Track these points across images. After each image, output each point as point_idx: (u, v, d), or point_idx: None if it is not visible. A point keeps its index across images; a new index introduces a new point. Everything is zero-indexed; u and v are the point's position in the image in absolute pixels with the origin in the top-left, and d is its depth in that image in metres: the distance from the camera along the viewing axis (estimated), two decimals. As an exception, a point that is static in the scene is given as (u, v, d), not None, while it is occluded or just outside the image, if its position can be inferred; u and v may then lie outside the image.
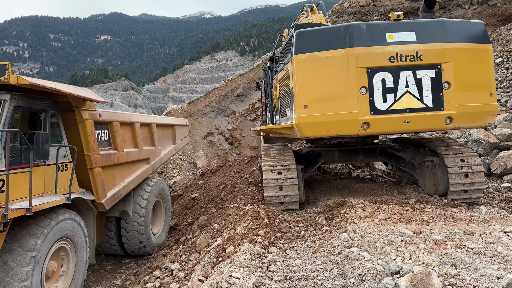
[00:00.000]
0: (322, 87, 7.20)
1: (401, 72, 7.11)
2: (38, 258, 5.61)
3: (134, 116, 9.55)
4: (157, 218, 10.31)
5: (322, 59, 7.16)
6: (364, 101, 7.08)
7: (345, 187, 10.63)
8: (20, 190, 5.68)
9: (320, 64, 7.17)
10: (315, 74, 7.20)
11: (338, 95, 7.13)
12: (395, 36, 7.18)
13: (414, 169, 9.34)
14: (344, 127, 7.18)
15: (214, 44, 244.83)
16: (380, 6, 21.33)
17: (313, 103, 7.19)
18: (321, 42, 7.26)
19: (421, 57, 7.14)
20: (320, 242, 5.89)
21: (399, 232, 5.34)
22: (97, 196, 7.48)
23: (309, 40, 7.31)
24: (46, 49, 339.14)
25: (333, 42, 7.20)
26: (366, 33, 7.17)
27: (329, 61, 7.14)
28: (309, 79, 7.24)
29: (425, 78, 7.15)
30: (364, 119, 7.06)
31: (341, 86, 7.11)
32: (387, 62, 7.10)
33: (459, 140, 11.62)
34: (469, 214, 7.17)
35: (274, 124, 10.49)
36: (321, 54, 7.16)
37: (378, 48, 7.13)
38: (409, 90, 7.14)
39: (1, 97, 5.77)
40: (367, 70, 7.07)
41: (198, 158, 17.82)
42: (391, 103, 7.13)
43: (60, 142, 6.81)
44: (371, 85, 7.07)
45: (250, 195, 9.90)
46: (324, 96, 7.18)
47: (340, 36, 7.18)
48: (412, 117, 7.13)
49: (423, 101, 7.18)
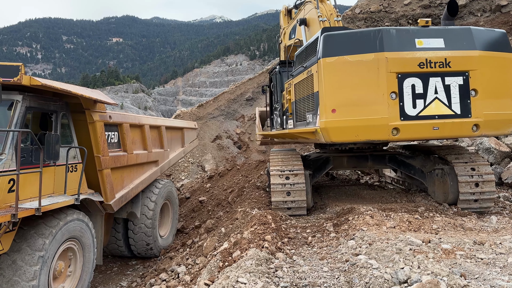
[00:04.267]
0: (351, 91, 7.09)
1: (430, 78, 7.08)
2: (46, 258, 5.64)
3: (144, 118, 9.60)
4: (164, 220, 10.33)
5: (351, 63, 7.06)
6: (394, 107, 7.01)
7: (354, 193, 10.56)
8: (30, 190, 5.73)
9: (349, 68, 7.07)
10: (344, 78, 7.09)
11: (368, 100, 7.04)
12: (424, 42, 7.17)
13: (423, 176, 9.25)
14: (373, 132, 7.09)
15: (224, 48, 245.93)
16: (391, 12, 21.26)
17: (341, 108, 7.06)
18: (349, 46, 7.17)
19: (450, 63, 7.12)
20: (327, 248, 5.85)
21: (407, 240, 5.29)
22: (105, 197, 7.52)
23: (337, 43, 7.21)
24: (59, 50, 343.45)
25: (362, 46, 7.13)
26: (396, 38, 7.13)
27: (359, 65, 7.05)
28: (337, 83, 7.11)
29: (453, 85, 7.13)
30: (394, 125, 6.98)
31: (371, 90, 7.03)
32: (417, 67, 7.05)
33: (469, 148, 11.49)
34: (479, 223, 7.07)
35: (284, 128, 10.33)
36: (351, 58, 7.05)
37: (408, 54, 7.08)
38: (438, 97, 7.11)
39: (13, 98, 5.84)
40: (397, 75, 7.01)
41: (206, 161, 17.86)
42: (421, 109, 7.08)
43: (70, 143, 6.87)
44: (401, 91, 7.02)
45: (258, 200, 9.88)
46: (353, 100, 7.07)
47: (369, 40, 7.11)
48: (440, 124, 7.09)
49: (452, 108, 7.14)
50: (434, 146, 10.25)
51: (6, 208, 5.30)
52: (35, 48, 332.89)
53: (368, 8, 21.64)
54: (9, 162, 5.44)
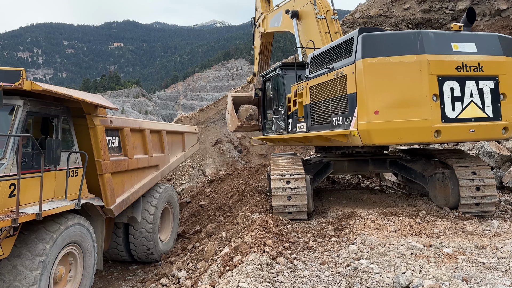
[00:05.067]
0: (393, 93, 7.05)
1: (466, 81, 7.19)
2: (47, 263, 5.63)
3: (145, 123, 9.62)
4: (165, 225, 10.31)
5: (393, 64, 7.02)
6: (436, 109, 7.03)
7: (355, 197, 10.54)
8: (30, 195, 5.73)
9: (391, 69, 7.03)
10: (386, 79, 7.05)
11: (411, 102, 7.03)
12: (459, 46, 7.27)
13: (424, 180, 9.24)
14: (416, 134, 7.08)
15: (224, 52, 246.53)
16: (391, 16, 21.31)
17: (384, 109, 6.99)
18: (390, 47, 7.13)
19: (482, 68, 7.26)
20: (328, 253, 5.83)
21: (409, 244, 5.27)
22: (106, 202, 7.51)
23: (378, 44, 7.17)
24: (60, 55, 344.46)
25: (403, 47, 7.11)
26: (434, 41, 7.18)
27: (401, 66, 7.02)
28: (380, 84, 7.04)
29: (486, 89, 7.29)
30: (436, 127, 7.00)
31: (414, 92, 7.03)
32: (454, 71, 7.14)
33: (470, 152, 11.48)
34: (481, 227, 7.05)
35: (291, 132, 10.04)
36: (393, 59, 7.03)
37: (447, 57, 7.15)
38: (473, 100, 7.23)
39: (14, 102, 5.86)
40: (438, 78, 7.05)
41: (207, 165, 17.85)
42: (459, 112, 7.16)
43: (71, 147, 6.88)
44: (442, 93, 7.07)
45: (258, 204, 9.87)
46: (396, 102, 7.04)
47: (410, 42, 7.12)
48: (476, 126, 7.20)
49: (485, 111, 7.27)
50: (434, 150, 10.25)
51: (6, 213, 5.29)
52: (36, 53, 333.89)
53: (368, 12, 21.70)
54: (10, 166, 5.45)
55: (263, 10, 14.55)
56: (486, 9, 20.14)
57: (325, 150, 10.58)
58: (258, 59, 15.27)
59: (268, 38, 14.96)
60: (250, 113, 14.91)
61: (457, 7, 20.45)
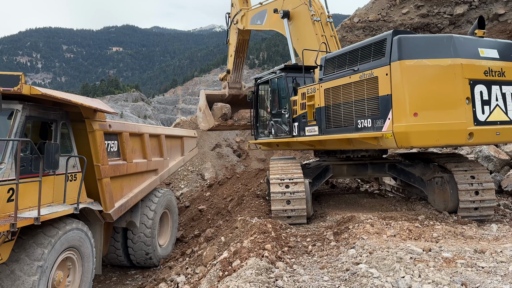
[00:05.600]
0: (430, 95, 7.11)
1: (492, 86, 7.37)
2: (45, 268, 5.61)
3: (144, 127, 9.62)
4: (163, 229, 10.29)
5: (430, 67, 7.10)
6: (469, 112, 7.15)
7: (354, 202, 10.54)
8: (29, 199, 5.72)
9: (427, 72, 7.10)
10: (423, 81, 7.10)
11: (447, 104, 7.11)
12: (485, 51, 7.46)
13: (423, 185, 9.24)
14: (452, 137, 7.17)
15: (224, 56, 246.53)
16: (389, 21, 21.40)
17: (423, 111, 7.03)
18: (425, 50, 7.21)
19: (505, 73, 7.49)
20: (327, 257, 5.82)
21: (408, 249, 5.27)
22: (105, 206, 7.50)
23: (414, 46, 7.22)
24: (59, 59, 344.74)
25: (437, 51, 7.21)
26: (464, 45, 7.33)
27: (437, 69, 7.11)
28: (417, 86, 7.08)
29: (508, 94, 7.50)
30: (469, 130, 7.10)
31: (449, 95, 7.12)
32: (483, 75, 7.29)
33: (469, 156, 11.50)
34: (480, 232, 7.05)
35: (296, 135, 9.80)
36: (429, 62, 7.11)
37: (476, 61, 7.31)
38: (498, 104, 7.42)
39: (13, 107, 5.86)
40: (470, 82, 7.19)
41: (206, 169, 17.83)
42: (488, 115, 7.30)
43: (70, 152, 6.87)
44: (473, 96, 7.20)
45: (257, 208, 9.86)
46: (433, 104, 7.09)
47: (443, 46, 7.23)
48: (501, 129, 7.37)
49: (508, 115, 7.49)
50: (433, 154, 10.26)
51: (5, 217, 5.28)
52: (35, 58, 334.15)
53: (367, 17, 21.79)
54: (8, 171, 5.44)
55: (241, 6, 14.22)
56: (484, 14, 20.23)
57: (327, 154, 10.47)
58: (234, 56, 14.88)
59: (245, 35, 14.64)
60: (225, 111, 14.38)
61: (455, 12, 20.55)
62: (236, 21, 14.41)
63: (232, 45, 15.01)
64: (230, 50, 15.32)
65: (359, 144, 8.14)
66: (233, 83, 15.29)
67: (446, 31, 20.53)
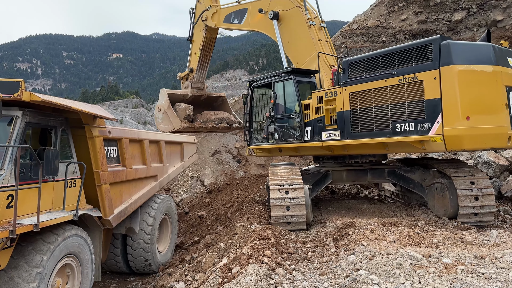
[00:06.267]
0: (478, 100, 7.36)
1: None
2: (44, 275, 5.59)
3: (143, 133, 9.62)
4: (163, 236, 10.26)
5: (477, 72, 7.36)
6: (508, 117, 7.53)
7: (353, 207, 10.52)
8: (28, 206, 5.71)
9: (475, 77, 7.35)
10: (472, 86, 7.34)
11: (492, 109, 7.40)
12: (510, 61, 7.85)
13: (423, 190, 9.24)
14: (496, 140, 7.45)
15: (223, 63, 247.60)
16: (388, 27, 21.51)
17: (474, 115, 7.26)
18: (471, 56, 7.46)
19: None
20: (327, 264, 5.81)
21: (408, 255, 5.26)
22: (104, 212, 7.48)
23: (462, 52, 7.45)
24: (59, 66, 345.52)
25: (481, 57, 7.48)
26: (499, 54, 7.65)
27: (482, 75, 7.37)
28: (468, 91, 7.29)
29: None
30: (509, 133, 7.47)
31: (493, 100, 7.42)
32: None
33: (468, 162, 11.50)
34: (480, 237, 7.04)
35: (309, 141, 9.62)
36: (476, 68, 7.37)
37: (509, 70, 7.70)
38: None
39: (13, 113, 5.87)
40: (506, 88, 7.55)
41: (206, 175, 17.81)
42: None
43: (70, 158, 6.87)
44: (509, 102, 7.59)
45: (257, 214, 9.84)
46: (480, 108, 7.34)
47: (485, 53, 7.51)
48: None
49: None
50: (432, 159, 10.26)
51: (4, 224, 5.27)
52: (36, 64, 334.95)
53: (366, 23, 21.90)
54: (8, 177, 5.44)
55: (211, 3, 13.67)
56: (482, 20, 20.35)
57: (334, 159, 10.38)
58: (199, 55, 14.22)
59: (213, 34, 14.11)
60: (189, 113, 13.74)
61: (453, 18, 20.66)
62: (205, 18, 13.71)
63: (197, 43, 14.30)
64: (194, 48, 14.66)
65: (395, 148, 8.31)
66: (196, 83, 14.72)
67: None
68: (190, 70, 14.66)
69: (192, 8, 14.48)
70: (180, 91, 14.73)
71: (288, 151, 10.81)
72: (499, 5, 20.02)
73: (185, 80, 14.90)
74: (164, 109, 13.45)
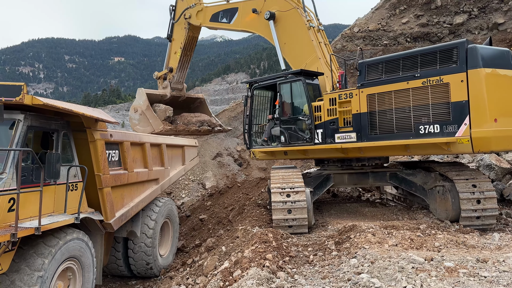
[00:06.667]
0: (503, 102, 7.57)
1: None
2: (45, 278, 5.58)
3: (145, 136, 9.63)
4: (164, 239, 10.25)
5: (501, 76, 7.58)
6: None
7: (355, 211, 10.50)
8: (30, 209, 5.71)
9: (500, 81, 7.57)
10: (498, 89, 7.53)
11: None
12: None
13: (425, 193, 9.22)
14: None
15: (225, 66, 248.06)
16: (389, 31, 21.53)
17: (501, 118, 7.45)
18: (495, 60, 7.67)
19: None
20: (329, 267, 5.79)
21: (410, 258, 5.24)
22: (105, 216, 7.48)
23: (487, 56, 7.60)
24: (61, 70, 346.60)
25: (502, 62, 7.72)
26: None
27: (507, 79, 7.65)
28: (495, 94, 7.46)
29: None
30: None
31: None
32: None
33: (470, 165, 11.48)
34: (482, 241, 7.01)
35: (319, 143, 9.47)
36: (501, 72, 7.59)
37: None
38: None
39: (15, 117, 5.88)
40: None
41: (207, 179, 17.82)
42: None
43: (71, 161, 6.88)
44: None
45: (259, 218, 9.83)
46: (506, 111, 7.57)
47: (505, 58, 7.78)
48: None
49: None
50: (434, 162, 10.24)
51: (5, 227, 5.27)
52: (38, 68, 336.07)
53: (367, 27, 21.93)
54: (9, 181, 5.44)
55: (195, 1, 13.14)
56: (483, 23, 20.36)
57: (341, 162, 10.32)
58: (181, 54, 13.54)
59: (196, 32, 13.55)
60: (169, 114, 12.81)
61: (454, 21, 20.67)
62: (188, 16, 13.12)
63: (178, 42, 13.63)
64: (174, 47, 13.94)
65: (418, 149, 8.37)
66: (176, 83, 13.99)
67: (446, 40, 20.63)
68: (170, 70, 13.91)
69: (172, 5, 13.84)
70: (159, 91, 13.84)
71: (295, 154, 10.55)
72: (500, 8, 20.03)
73: (163, 79, 14.10)
74: (142, 110, 12.41)
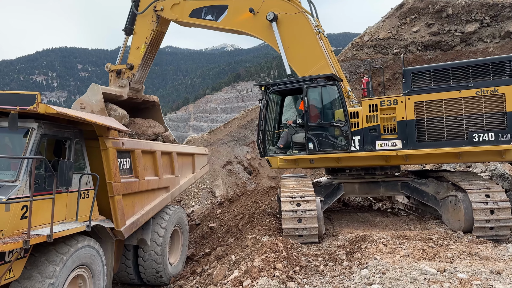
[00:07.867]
0: None
1: None
2: (56, 285, 5.62)
3: (156, 144, 9.70)
4: (174, 247, 10.26)
5: None
6: None
7: (366, 220, 10.40)
8: (42, 216, 5.78)
9: None
10: None
11: None
12: None
13: (437, 203, 9.10)
14: None
15: (235, 75, 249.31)
16: (400, 39, 21.47)
17: None
18: None
19: None
20: (340, 278, 5.73)
21: (422, 269, 5.16)
22: (116, 223, 7.52)
23: None
24: (74, 78, 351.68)
25: None
26: None
27: None
28: None
29: None
30: None
31: None
32: None
33: (483, 174, 11.32)
34: (496, 252, 6.89)
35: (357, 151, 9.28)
36: None
37: None
38: None
39: (29, 125, 5.98)
40: None
41: (217, 187, 17.83)
42: None
43: (83, 169, 6.95)
44: None
45: (268, 226, 9.78)
46: None
47: None
48: None
49: None
50: (446, 171, 10.12)
51: (18, 234, 5.34)
52: (51, 77, 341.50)
53: (377, 35, 21.91)
54: (23, 188, 5.52)
55: None
56: (495, 31, 20.21)
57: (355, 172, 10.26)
58: (145, 51, 12.29)
59: (165, 27, 12.38)
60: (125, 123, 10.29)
61: (466, 30, 20.55)
62: (160, 8, 11.83)
63: (142, 36, 12.27)
64: (135, 41, 12.51)
65: (470, 157, 8.77)
66: (136, 83, 12.34)
67: (458, 49, 20.50)
68: (130, 67, 12.27)
69: None
70: (116, 90, 11.66)
71: (324, 162, 10.07)
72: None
73: (116, 74, 12.38)
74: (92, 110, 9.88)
